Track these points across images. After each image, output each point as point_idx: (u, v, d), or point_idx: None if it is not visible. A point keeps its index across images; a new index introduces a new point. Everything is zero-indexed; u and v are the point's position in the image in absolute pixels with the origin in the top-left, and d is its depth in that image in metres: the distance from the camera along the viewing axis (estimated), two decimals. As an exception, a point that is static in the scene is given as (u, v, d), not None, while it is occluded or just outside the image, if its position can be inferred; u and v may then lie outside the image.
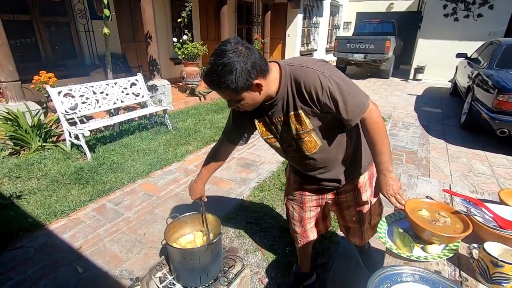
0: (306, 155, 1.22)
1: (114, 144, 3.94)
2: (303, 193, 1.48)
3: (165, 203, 2.73)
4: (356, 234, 1.58)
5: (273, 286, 1.85)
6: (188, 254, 1.49)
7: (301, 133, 1.14)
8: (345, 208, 1.48)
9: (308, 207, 1.52)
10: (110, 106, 4.10)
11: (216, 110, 5.70)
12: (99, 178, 3.08)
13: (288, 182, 1.60)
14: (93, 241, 2.22)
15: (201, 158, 3.71)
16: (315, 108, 1.08)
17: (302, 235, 1.63)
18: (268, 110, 1.17)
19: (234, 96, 1.03)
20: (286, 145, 1.25)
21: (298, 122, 1.13)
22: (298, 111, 1.10)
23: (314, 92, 1.04)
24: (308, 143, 1.17)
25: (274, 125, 1.21)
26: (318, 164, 1.26)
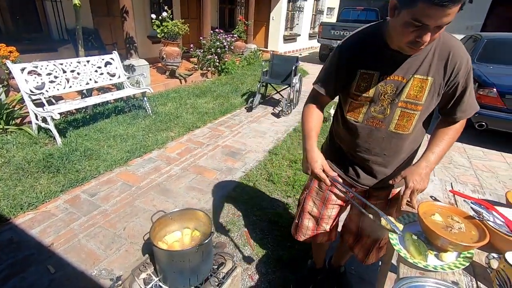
0: (387, 130, 1.07)
1: (88, 128, 3.64)
2: (332, 190, 1.33)
3: (146, 194, 2.55)
4: (364, 248, 1.43)
5: (264, 283, 1.79)
6: (178, 256, 1.36)
7: (410, 103, 1.01)
8: None
9: (332, 205, 1.37)
10: (82, 86, 3.74)
11: (198, 94, 5.45)
12: (72, 166, 2.82)
13: None
14: (67, 237, 2.03)
15: (184, 145, 3.53)
16: (444, 83, 0.99)
17: (313, 230, 1.46)
18: (395, 64, 0.99)
19: (452, 14, 0.79)
20: (376, 109, 1.06)
21: (417, 89, 0.99)
22: (427, 76, 0.98)
23: (458, 66, 0.96)
24: (404, 119, 1.04)
25: (384, 82, 1.01)
26: (386, 150, 1.11)
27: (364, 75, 1.04)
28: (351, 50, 1.06)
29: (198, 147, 3.51)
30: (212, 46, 6.64)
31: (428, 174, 1.04)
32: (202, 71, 6.77)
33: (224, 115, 4.63)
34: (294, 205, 2.51)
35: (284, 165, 3.15)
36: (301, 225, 1.48)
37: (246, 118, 4.59)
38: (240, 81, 6.58)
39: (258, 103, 5.03)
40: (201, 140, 3.71)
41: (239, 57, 8.42)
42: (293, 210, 2.45)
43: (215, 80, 6.63)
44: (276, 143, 3.77)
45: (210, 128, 4.11)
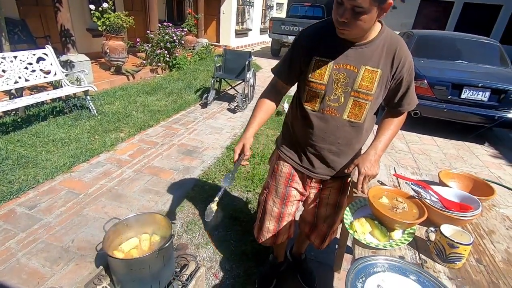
0: (341, 118, 1.14)
1: (20, 133, 3.22)
2: (291, 184, 1.36)
3: (96, 202, 2.36)
4: (320, 234, 1.50)
5: (229, 279, 1.79)
6: (136, 264, 1.29)
7: (361, 92, 1.09)
8: (324, 205, 1.41)
9: (291, 201, 1.41)
10: (10, 85, 3.29)
11: (148, 91, 5.16)
12: (3, 176, 2.48)
13: (272, 174, 1.42)
14: (2, 258, 1.79)
15: (135, 146, 3.33)
16: (390, 77, 1.08)
17: (272, 235, 1.50)
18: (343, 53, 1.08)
19: (368, 4, 0.90)
20: (331, 98, 1.12)
21: (368, 80, 1.07)
22: (376, 68, 1.06)
23: (402, 61, 1.05)
24: (356, 107, 1.12)
25: (337, 71, 1.09)
26: (340, 138, 1.18)
27: (319, 62, 1.11)
28: (308, 38, 1.13)
29: (151, 147, 3.34)
30: (161, 41, 6.34)
31: (377, 160, 1.14)
32: (152, 67, 6.43)
33: (178, 113, 4.47)
34: (254, 199, 2.54)
35: (242, 160, 3.16)
36: (263, 227, 1.51)
37: (202, 114, 4.49)
38: (193, 77, 6.40)
39: (213, 99, 4.95)
40: (155, 139, 3.54)
41: (190, 52, 8.17)
42: (254, 204, 2.48)
43: (166, 76, 6.35)
44: (234, 138, 3.76)
45: (163, 126, 3.94)
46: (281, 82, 1.27)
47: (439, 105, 4.22)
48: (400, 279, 0.85)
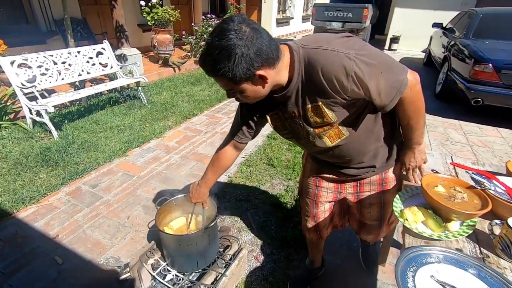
0: (328, 146, 1.05)
1: (83, 120, 3.59)
2: (320, 183, 1.30)
3: (148, 184, 2.56)
4: (371, 232, 1.43)
5: (270, 263, 1.82)
6: (185, 240, 1.38)
7: (323, 126, 0.98)
8: (366, 206, 1.30)
9: (322, 202, 1.34)
10: (75, 78, 3.67)
11: (193, 82, 5.38)
12: (70, 158, 2.80)
13: (303, 171, 1.42)
14: (71, 228, 2.04)
15: (182, 133, 3.51)
16: (339, 98, 0.89)
17: (315, 232, 1.46)
18: (280, 103, 1.01)
19: (232, 86, 0.87)
20: (304, 140, 1.09)
21: (318, 115, 0.95)
22: (317, 103, 0.93)
23: (336, 81, 0.85)
24: (331, 135, 1.02)
25: (289, 119, 1.04)
26: (343, 153, 1.09)
27: (274, 115, 1.08)
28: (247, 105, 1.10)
29: (196, 134, 3.49)
30: (205, 32, 6.50)
31: (420, 151, 1.10)
32: (196, 59, 6.65)
33: (220, 102, 4.59)
34: (295, 187, 2.53)
35: (283, 149, 3.16)
36: (303, 224, 1.51)
37: (243, 104, 4.55)
38: (235, 67, 6.48)
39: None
40: (199, 127, 3.69)
41: (232, 43, 8.26)
42: (294, 192, 2.48)
43: (209, 67, 6.52)
44: (274, 127, 3.75)
45: (207, 115, 4.08)
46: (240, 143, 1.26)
47: (507, 92, 3.73)
48: (457, 271, 0.79)
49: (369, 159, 1.14)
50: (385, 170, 1.21)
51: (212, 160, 1.32)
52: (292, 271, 1.76)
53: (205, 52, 0.83)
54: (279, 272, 1.76)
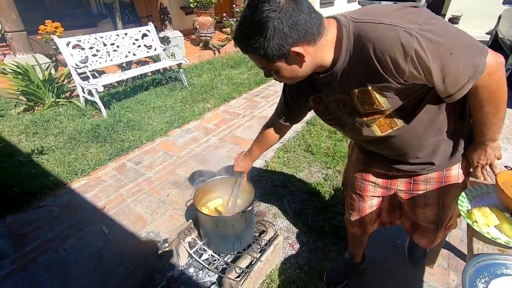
0: (377, 136, 0.92)
1: (129, 100, 3.77)
2: (366, 176, 1.18)
3: (186, 164, 2.61)
4: (425, 235, 1.28)
5: (306, 252, 1.77)
6: (222, 222, 1.37)
7: (372, 114, 0.86)
8: (421, 206, 1.15)
9: (369, 196, 1.23)
10: (122, 59, 3.83)
11: (232, 65, 5.35)
12: (117, 136, 2.96)
13: (349, 161, 1.30)
14: (116, 201, 2.16)
15: (220, 116, 3.52)
16: (394, 83, 0.75)
17: (359, 226, 1.35)
18: (324, 85, 0.90)
19: (265, 64, 0.80)
20: (349, 128, 0.97)
21: (367, 101, 0.83)
22: (366, 87, 0.80)
23: (391, 61, 0.71)
24: (382, 124, 0.89)
25: (333, 104, 0.93)
26: (395, 145, 0.95)
27: (317, 98, 1.00)
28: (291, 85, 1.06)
29: (234, 118, 3.48)
30: (246, 14, 6.38)
31: (494, 147, 0.93)
32: (236, 41, 6.60)
33: (259, 86, 4.51)
34: (334, 177, 2.41)
35: (323, 136, 3.02)
36: (346, 218, 1.40)
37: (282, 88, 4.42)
38: (275, 50, 6.32)
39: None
40: (237, 111, 3.67)
41: (273, 25, 8.04)
42: (333, 181, 2.36)
43: (248, 50, 6.44)
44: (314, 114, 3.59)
45: (245, 98, 4.04)
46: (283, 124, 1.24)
47: None
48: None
49: (426, 155, 0.98)
50: (447, 167, 1.04)
51: (258, 136, 1.36)
52: (329, 263, 1.69)
53: (238, 26, 0.77)
54: (315, 262, 1.70)
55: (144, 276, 1.60)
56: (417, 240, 1.36)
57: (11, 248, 1.78)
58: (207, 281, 1.50)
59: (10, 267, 1.66)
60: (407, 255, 1.70)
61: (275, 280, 1.58)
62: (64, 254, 1.75)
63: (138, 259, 1.71)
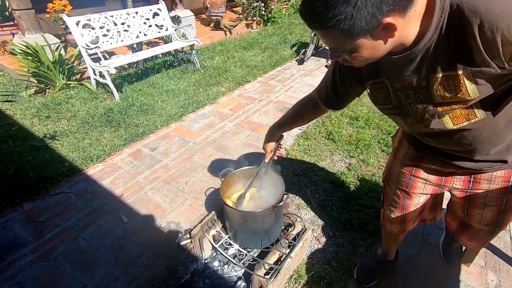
0: (447, 129, 0.80)
1: (141, 83, 3.65)
2: (416, 173, 1.06)
3: (203, 150, 2.52)
4: (476, 238, 1.17)
5: (333, 246, 1.69)
6: (251, 217, 1.29)
7: (451, 103, 0.73)
8: (479, 206, 1.04)
9: (417, 194, 1.11)
10: (133, 40, 3.68)
11: (245, 47, 5.14)
12: (130, 120, 2.87)
13: (394, 154, 1.16)
14: (134, 189, 2.10)
15: (235, 100, 3.39)
16: (494, 67, 0.62)
17: (399, 224, 1.24)
18: (394, 69, 0.77)
19: (344, 42, 0.65)
20: (413, 119, 0.83)
21: (450, 88, 0.69)
22: (455, 71, 0.66)
23: (502, 40, 0.58)
24: (457, 115, 0.76)
25: (400, 91, 0.80)
26: (465, 140, 0.82)
27: (377, 84, 0.86)
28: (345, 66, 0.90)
29: (250, 102, 3.35)
30: (259, -8, 6.08)
31: None
32: (247, 22, 6.33)
33: (274, 69, 4.33)
34: (358, 166, 2.30)
35: (344, 123, 2.89)
36: (385, 214, 1.29)
37: (298, 71, 4.25)
38: (288, 31, 6.05)
39: (311, 55, 4.60)
40: (253, 95, 3.53)
41: (285, 5, 7.69)
42: (358, 171, 2.25)
43: (261, 31, 6.18)
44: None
45: (260, 82, 3.89)
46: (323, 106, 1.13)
47: None
48: None
49: (499, 152, 0.86)
50: None
51: (292, 110, 1.24)
52: (359, 259, 1.61)
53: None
54: (343, 258, 1.62)
55: (166, 268, 1.55)
56: (464, 241, 1.25)
57: (30, 236, 1.74)
58: (233, 276, 1.44)
59: (31, 256, 1.62)
60: (441, 252, 1.61)
61: (303, 275, 1.51)
62: (84, 243, 1.71)
63: (159, 250, 1.66)
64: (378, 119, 2.92)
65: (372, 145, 2.53)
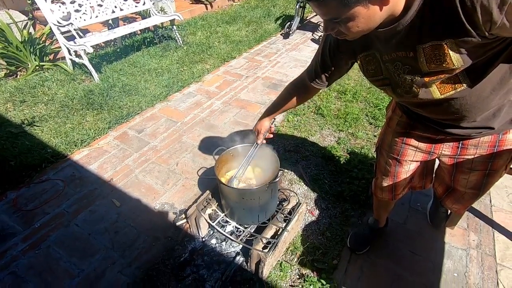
0: (434, 99, 0.81)
1: (120, 62, 3.47)
2: (407, 141, 1.10)
3: (192, 130, 2.48)
4: (460, 201, 1.23)
5: (326, 218, 1.75)
6: (248, 194, 1.30)
7: (437, 74, 0.74)
8: (465, 171, 1.08)
9: (408, 161, 1.15)
10: (108, 15, 3.45)
11: (227, 21, 4.94)
12: (113, 102, 2.75)
13: (387, 123, 1.18)
14: (124, 172, 2.06)
15: (221, 78, 3.30)
16: (475, 37, 0.63)
17: (390, 191, 1.30)
18: (382, 41, 0.77)
19: (339, 12, 0.64)
20: (402, 89, 0.85)
21: (435, 59, 0.71)
22: (440, 41, 0.67)
23: (481, 10, 0.58)
24: (444, 85, 0.77)
25: (389, 63, 0.81)
26: (452, 109, 0.84)
27: (367, 57, 0.87)
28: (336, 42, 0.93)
29: (236, 79, 3.27)
30: (239, -39, 5.76)
31: None
32: (229, -6, 6.04)
33: (259, 43, 4.21)
34: (347, 140, 2.34)
35: (331, 97, 2.89)
36: (377, 182, 1.33)
37: (284, 46, 4.15)
38: (271, 3, 5.85)
39: (296, 28, 4.48)
40: (239, 72, 3.44)
41: (267, -25, 7.35)
42: (347, 145, 2.29)
43: (243, 3, 5.94)
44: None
45: (246, 58, 3.78)
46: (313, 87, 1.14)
47: None
48: None
49: (485, 119, 0.88)
50: (504, 131, 0.94)
51: (282, 95, 1.26)
52: (351, 228, 1.67)
53: None
54: (336, 228, 1.68)
55: (164, 249, 1.56)
56: (449, 205, 1.32)
57: (19, 225, 1.70)
58: (232, 252, 1.47)
59: (22, 245, 1.59)
60: (428, 218, 1.70)
61: (298, 247, 1.56)
62: (77, 229, 1.68)
63: (155, 232, 1.66)
64: (365, 92, 2.93)
65: (360, 119, 2.56)
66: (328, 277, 1.43)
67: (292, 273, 1.46)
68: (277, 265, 1.47)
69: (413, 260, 1.53)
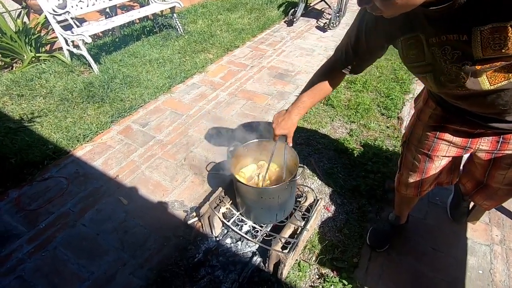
0: (482, 90, 0.72)
1: (120, 53, 3.34)
2: (441, 135, 1.01)
3: (198, 123, 2.38)
4: (493, 198, 1.17)
5: (342, 214, 1.68)
6: (267, 193, 1.22)
7: (494, 60, 0.64)
8: (503, 167, 1.01)
9: (440, 157, 1.07)
10: (106, 3, 3.29)
11: (229, 8, 4.77)
12: (115, 95, 2.65)
13: (418, 116, 1.09)
14: (129, 169, 1.97)
15: (225, 68, 3.19)
16: None
17: (415, 188, 1.22)
18: (432, 22, 0.68)
19: None
20: (447, 78, 0.75)
21: (495, 43, 0.61)
22: (504, 23, 0.58)
23: None
24: (496, 74, 0.68)
25: (435, 46, 0.71)
26: (500, 101, 0.76)
27: (410, 39, 0.77)
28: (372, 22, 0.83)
29: (241, 69, 3.16)
30: None
31: None
32: (229, -20, 5.81)
33: (262, 32, 4.07)
34: (360, 132, 2.26)
35: (341, 87, 2.79)
36: (402, 178, 1.25)
37: (288, 33, 4.01)
38: (273, -11, 5.64)
39: (300, 15, 4.33)
40: (243, 61, 3.32)
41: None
42: (359, 137, 2.21)
43: (244, -11, 5.73)
44: (328, 61, 3.30)
45: (250, 47, 3.65)
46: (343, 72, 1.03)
47: None
48: None
49: None
50: None
51: (310, 85, 1.07)
52: (369, 224, 1.61)
53: None
54: (353, 224, 1.62)
55: (177, 249, 1.49)
56: (479, 201, 1.25)
57: (23, 226, 1.62)
58: (248, 252, 1.41)
59: (27, 247, 1.52)
60: (449, 213, 1.64)
61: (316, 245, 1.50)
62: (84, 229, 1.61)
63: (166, 231, 1.59)
64: (375, 81, 2.84)
65: (372, 109, 2.48)
66: (349, 276, 1.38)
67: (312, 273, 1.40)
68: (295, 265, 1.41)
69: (434, 256, 1.48)
